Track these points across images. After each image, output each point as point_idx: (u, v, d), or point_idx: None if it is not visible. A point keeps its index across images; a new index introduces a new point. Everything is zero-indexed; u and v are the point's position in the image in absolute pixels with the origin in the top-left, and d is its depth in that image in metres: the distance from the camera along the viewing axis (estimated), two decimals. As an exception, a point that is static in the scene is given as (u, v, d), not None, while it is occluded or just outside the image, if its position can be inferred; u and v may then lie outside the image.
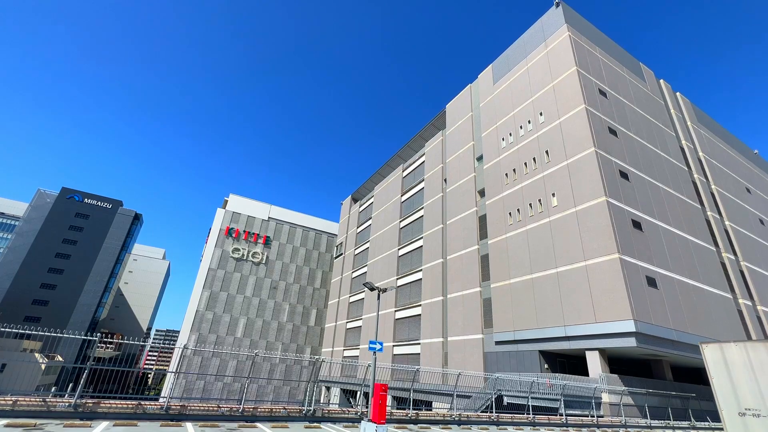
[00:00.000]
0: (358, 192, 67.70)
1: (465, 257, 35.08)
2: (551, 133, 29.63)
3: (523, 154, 31.72)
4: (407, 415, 16.50)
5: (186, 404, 12.76)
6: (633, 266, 22.81)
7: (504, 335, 28.06)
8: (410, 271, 42.90)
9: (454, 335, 33.40)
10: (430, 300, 37.68)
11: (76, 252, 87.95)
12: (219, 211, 64.85)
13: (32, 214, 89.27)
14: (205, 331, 57.41)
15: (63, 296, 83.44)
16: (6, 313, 74.16)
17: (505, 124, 35.13)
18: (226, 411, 13.25)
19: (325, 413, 15.24)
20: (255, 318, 61.88)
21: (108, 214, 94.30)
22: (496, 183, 33.82)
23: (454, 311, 34.34)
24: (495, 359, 28.59)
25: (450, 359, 32.94)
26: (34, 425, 9.58)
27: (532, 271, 27.29)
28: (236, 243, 63.61)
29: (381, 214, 55.06)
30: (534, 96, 32.64)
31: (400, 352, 40.01)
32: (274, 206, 70.21)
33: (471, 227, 35.52)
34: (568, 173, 26.96)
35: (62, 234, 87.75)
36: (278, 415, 14.19)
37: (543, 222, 27.71)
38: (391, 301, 43.69)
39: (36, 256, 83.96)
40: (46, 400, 10.83)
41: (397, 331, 41.73)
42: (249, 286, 62.95)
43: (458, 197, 38.73)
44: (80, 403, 11.04)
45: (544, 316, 25.36)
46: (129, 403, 11.99)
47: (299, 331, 65.19)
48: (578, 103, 28.10)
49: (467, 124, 41.32)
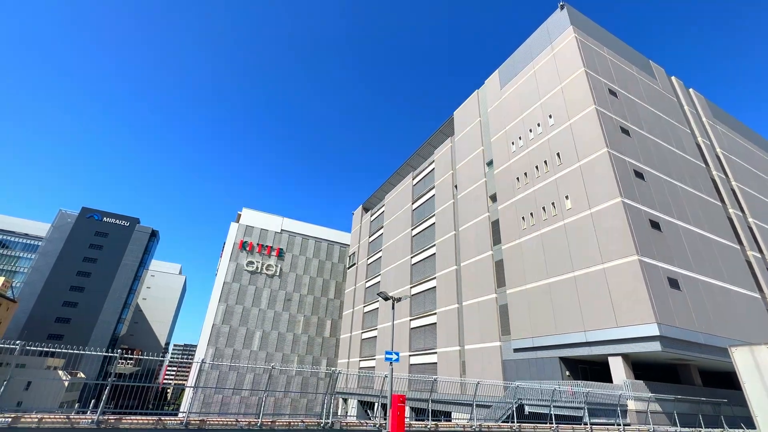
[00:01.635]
0: (369, 201, 67.93)
1: (479, 263, 34.69)
2: (562, 136, 29.33)
3: (534, 157, 31.43)
4: (426, 426, 16.21)
5: (205, 419, 12.81)
6: (653, 268, 22.19)
7: (522, 342, 27.49)
8: (424, 279, 42.59)
9: (470, 343, 32.87)
10: (445, 308, 37.26)
11: (96, 270, 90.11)
12: (233, 225, 65.79)
13: (54, 234, 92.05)
14: (222, 344, 57.81)
15: (84, 314, 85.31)
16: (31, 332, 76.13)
17: (514, 128, 34.96)
18: (244, 425, 13.24)
19: (343, 426, 15.09)
20: (270, 330, 62.09)
21: (126, 231, 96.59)
22: (507, 187, 33.53)
23: (470, 319, 33.86)
24: (514, 367, 27.99)
25: (468, 368, 32.38)
26: (59, 442, 9.71)
27: (548, 276, 26.79)
28: (250, 256, 64.29)
29: (392, 222, 55.05)
30: (542, 99, 32.45)
31: (416, 361, 39.53)
32: (286, 218, 70.91)
33: (484, 233, 35.19)
34: (581, 175, 26.58)
35: (83, 253, 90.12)
36: (296, 428, 14.11)
37: (557, 225, 27.28)
38: (406, 310, 43.36)
39: (58, 275, 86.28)
40: (69, 417, 11.00)
41: (412, 341, 41.30)
42: (264, 299, 63.34)
43: (470, 203, 38.50)
44: (102, 420, 11.18)
45: (563, 321, 24.79)
46: (150, 419, 12.09)
47: (314, 343, 65.08)
48: (588, 104, 27.82)
49: (476, 129, 41.25)
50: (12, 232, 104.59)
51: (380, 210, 61.57)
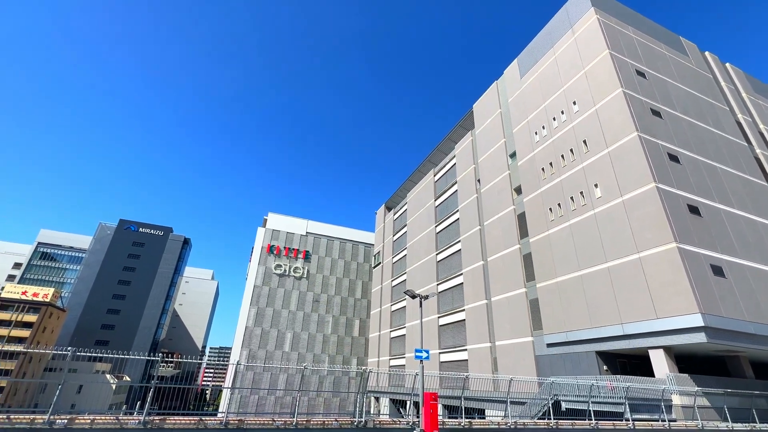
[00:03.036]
0: (392, 200, 67.96)
1: (506, 258, 34.02)
2: (588, 122, 28.29)
3: (559, 146, 30.48)
4: (460, 423, 16.07)
5: (243, 419, 13.21)
6: (694, 255, 21.04)
7: (555, 337, 26.75)
8: (450, 276, 42.20)
9: (501, 339, 32.31)
10: (474, 304, 36.79)
11: (135, 278, 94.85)
12: (260, 230, 67.48)
13: (96, 246, 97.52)
14: (255, 346, 59.44)
15: (126, 320, 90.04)
16: (80, 338, 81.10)
17: (536, 117, 34.02)
18: (281, 424, 13.56)
19: (376, 424, 15.19)
20: (301, 332, 63.30)
21: (160, 241, 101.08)
22: (532, 179, 32.69)
23: (499, 314, 33.28)
24: (548, 362, 27.28)
25: (500, 364, 31.85)
26: (110, 442, 10.27)
27: (580, 268, 25.94)
28: (278, 259, 65.75)
29: (416, 220, 54.85)
30: (565, 85, 31.41)
31: (447, 359, 39.26)
32: (310, 221, 72.02)
33: (510, 226, 34.47)
34: (611, 161, 25.54)
35: (122, 262, 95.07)
36: (330, 427, 14.33)
37: (587, 215, 26.34)
38: (434, 308, 43.11)
39: (101, 284, 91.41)
40: (118, 419, 11.63)
41: (442, 338, 41.04)
42: (293, 301, 64.65)
43: (494, 197, 37.80)
44: (149, 420, 11.74)
45: (598, 314, 23.94)
46: (192, 419, 12.60)
47: (344, 343, 65.83)
48: (614, 87, 26.68)
49: (496, 121, 40.44)
50: (59, 245, 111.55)
51: (403, 208, 61.48)
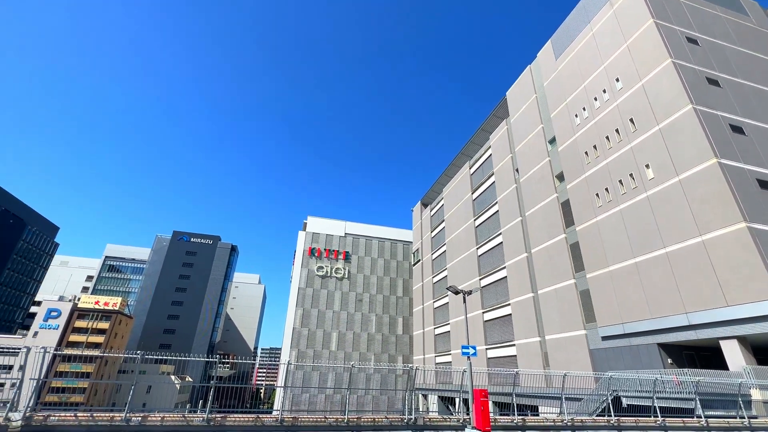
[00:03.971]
0: (427, 196, 67.40)
1: (552, 248, 32.61)
2: (634, 99, 26.41)
3: (603, 127, 28.71)
4: (512, 421, 15.62)
5: (297, 416, 13.68)
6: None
7: (611, 329, 25.27)
8: (493, 270, 41.15)
9: (551, 333, 31.04)
10: (519, 298, 35.63)
11: (190, 285, 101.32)
12: (300, 234, 69.58)
13: (154, 257, 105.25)
14: (303, 346, 61.40)
15: (185, 325, 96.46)
16: (145, 342, 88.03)
17: (576, 99, 32.28)
18: (332, 422, 13.89)
19: (426, 421, 15.14)
20: (346, 331, 64.52)
21: (210, 249, 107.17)
22: (575, 164, 31.06)
23: (547, 307, 31.98)
24: (604, 356, 25.83)
25: (551, 359, 30.62)
26: (179, 438, 11.03)
27: (634, 255, 24.30)
28: (319, 261, 67.43)
29: (453, 215, 54.02)
30: (606, 62, 29.53)
31: (494, 355, 38.35)
32: (348, 222, 73.17)
33: (554, 215, 33.00)
34: (663, 139, 23.67)
35: (178, 271, 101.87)
36: (381, 425, 14.47)
37: (639, 198, 24.61)
38: (477, 303, 42.26)
39: (161, 292, 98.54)
40: (185, 416, 12.47)
41: (488, 334, 40.14)
42: (336, 301, 66.04)
43: (534, 186, 36.35)
44: (211, 418, 12.49)
45: (658, 304, 22.30)
46: (249, 417, 13.25)
47: (389, 341, 66.28)
48: (662, 58, 24.69)
49: (532, 107, 38.84)
50: (122, 258, 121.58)
51: (439, 204, 60.78)
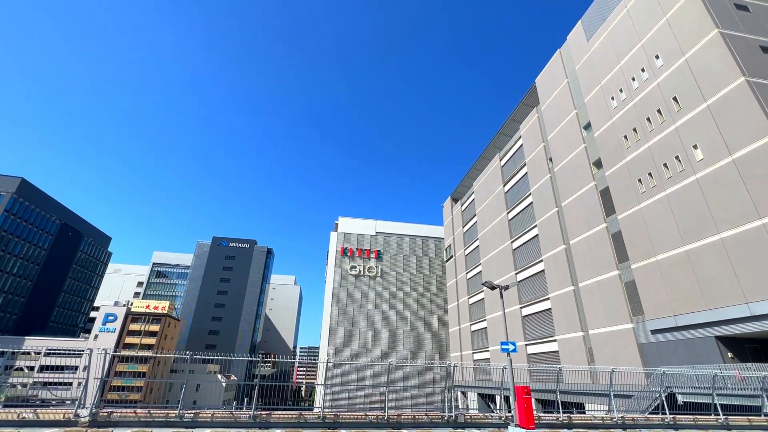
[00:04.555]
0: (457, 191, 66.43)
1: (591, 239, 31.18)
2: (677, 76, 24.69)
3: (643, 108, 27.06)
4: (558, 419, 15.12)
5: (338, 413, 13.93)
6: (842, 214, 17.17)
7: (661, 322, 23.81)
8: (529, 264, 39.93)
9: (595, 328, 29.71)
10: (559, 292, 34.36)
11: (230, 288, 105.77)
12: (332, 234, 70.74)
13: (196, 262, 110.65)
14: (340, 345, 62.45)
15: (227, 326, 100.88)
16: (192, 343, 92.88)
17: (611, 81, 30.63)
18: (373, 419, 14.04)
19: (467, 419, 14.96)
20: (381, 329, 64.95)
21: (247, 253, 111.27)
22: (614, 149, 29.50)
23: (590, 301, 30.63)
24: (655, 351, 24.40)
25: (596, 355, 29.32)
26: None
27: (684, 243, 22.75)
28: (352, 261, 68.26)
29: (485, 209, 52.91)
30: (643, 39, 27.78)
31: (534, 351, 37.25)
32: (379, 221, 73.54)
33: (592, 204, 31.53)
34: (712, 116, 21.97)
35: (219, 275, 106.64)
36: (422, 422, 14.44)
37: (688, 181, 23.00)
38: (514, 298, 41.19)
39: (204, 295, 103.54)
40: (232, 413, 13.05)
41: (527, 329, 39.03)
42: (370, 300, 66.61)
43: (570, 174, 34.89)
44: (257, 415, 12.99)
45: (714, 293, 20.76)
46: (293, 414, 13.65)
47: (424, 338, 66.07)
48: (707, 29, 22.90)
49: (564, 93, 37.26)
50: (168, 264, 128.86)
51: (470, 198, 59.73)
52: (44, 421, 11.80)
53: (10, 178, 78.24)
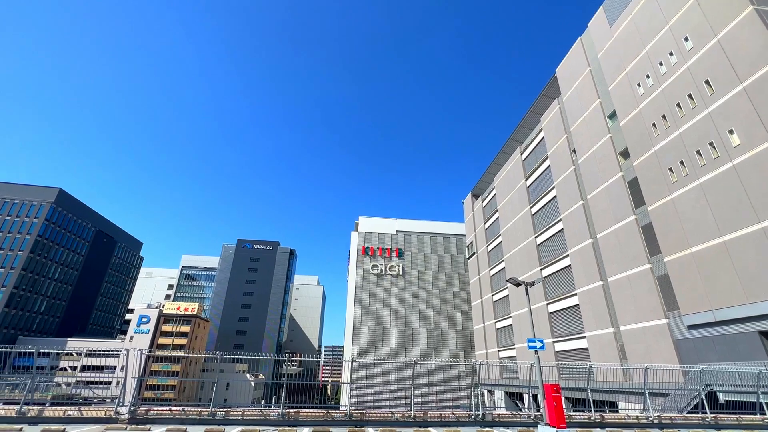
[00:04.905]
0: (478, 187, 65.52)
1: (620, 232, 30.10)
2: (709, 58, 23.45)
3: (672, 94, 25.86)
4: (590, 417, 14.70)
5: (365, 412, 14.03)
6: None
7: (698, 317, 22.73)
8: (555, 259, 38.95)
9: (627, 324, 28.67)
10: (587, 287, 33.36)
11: (256, 289, 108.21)
12: (353, 234, 71.23)
13: (222, 264, 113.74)
14: (364, 344, 62.86)
15: (254, 326, 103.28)
16: (221, 344, 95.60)
17: (637, 67, 29.42)
18: (399, 417, 14.06)
19: (495, 417, 14.76)
20: (404, 327, 64.94)
21: (271, 254, 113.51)
22: (642, 138, 28.34)
23: (620, 296, 29.59)
24: (692, 347, 23.32)
25: (628, 351, 28.30)
26: (259, 431, 11.86)
27: (721, 233, 21.62)
28: (373, 260, 68.54)
29: (507, 204, 51.97)
30: (671, 21, 26.54)
31: (562, 348, 36.33)
32: (399, 219, 73.53)
33: (620, 196, 30.42)
34: (749, 99, 20.76)
35: (244, 276, 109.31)
36: (448, 421, 14.35)
37: (724, 169, 21.83)
38: (540, 294, 40.28)
39: (231, 296, 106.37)
40: (262, 411, 13.36)
41: (554, 326, 38.12)
42: (393, 298, 66.70)
43: (595, 166, 33.78)
44: (285, 413, 13.25)
45: (757, 286, 19.63)
46: (320, 412, 13.84)
47: (448, 336, 65.61)
48: (742, 6, 21.63)
49: (587, 82, 36.08)
50: (196, 267, 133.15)
51: (491, 194, 58.80)
52: (88, 418, 12.45)
53: (48, 189, 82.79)
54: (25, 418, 12.20)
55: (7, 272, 74.13)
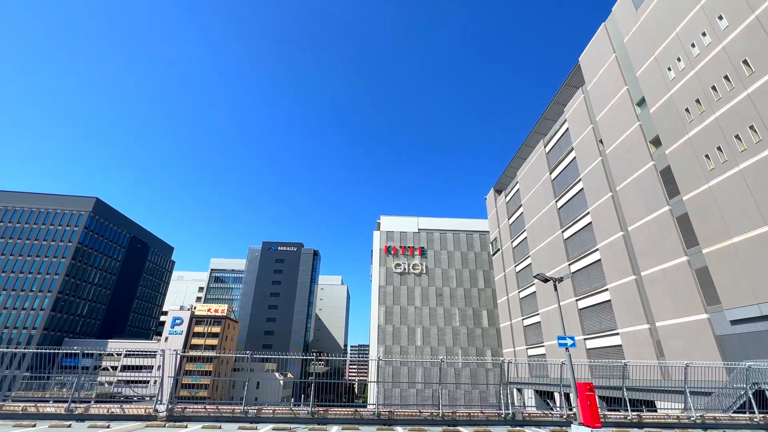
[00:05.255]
0: (500, 182, 64.31)
1: (653, 224, 28.81)
2: (746, 36, 22.08)
3: (706, 76, 24.50)
4: (626, 417, 14.16)
5: (392, 410, 14.06)
6: None
7: (742, 311, 21.46)
8: (583, 254, 37.74)
9: (663, 319, 27.43)
10: (618, 282, 32.15)
11: (282, 290, 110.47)
12: (375, 234, 71.45)
13: (249, 266, 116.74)
14: (389, 342, 62.99)
15: (281, 326, 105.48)
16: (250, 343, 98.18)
17: (667, 50, 28.06)
18: (427, 416, 14.01)
19: (526, 417, 14.46)
20: (429, 326, 64.63)
21: (295, 256, 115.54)
22: (674, 124, 27.01)
23: (654, 290, 28.34)
24: (736, 343, 22.06)
25: (666, 349, 27.07)
26: (290, 429, 12.10)
27: (765, 222, 20.32)
28: (396, 259, 68.54)
29: (531, 199, 50.77)
30: (702, 0, 25.15)
31: (594, 345, 35.16)
32: (421, 218, 73.19)
33: (652, 186, 29.12)
34: (793, 77, 19.39)
35: (270, 277, 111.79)
36: (477, 420, 14.18)
37: (766, 153, 20.51)
38: (569, 290, 39.13)
39: (259, 297, 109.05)
40: (292, 409, 13.62)
41: (584, 323, 36.95)
42: (417, 297, 66.50)
43: (623, 156, 32.47)
44: (315, 411, 13.46)
45: (807, 277, 18.34)
46: (348, 410, 13.98)
47: (474, 334, 64.81)
48: (782, -21, 20.23)
49: (612, 68, 34.71)
50: (224, 269, 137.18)
51: (514, 188, 57.58)
52: (129, 415, 13.07)
53: (86, 198, 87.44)
54: (73, 415, 12.94)
55: (52, 278, 78.88)
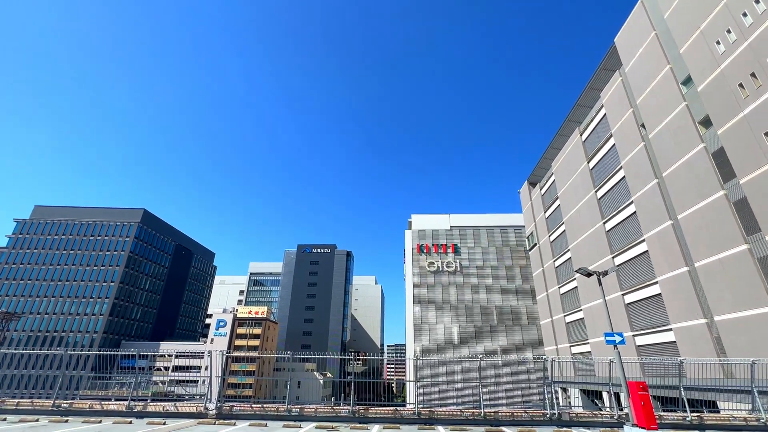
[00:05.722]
0: (534, 174, 62.15)
1: (706, 210, 26.76)
2: (808, -1, 19.99)
3: (761, 47, 22.44)
4: (685, 418, 13.24)
5: (433, 410, 13.97)
6: None
7: (817, 302, 19.45)
8: (628, 245, 35.69)
9: (723, 313, 25.40)
10: (669, 274, 30.12)
11: (318, 291, 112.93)
12: (407, 233, 71.35)
13: (285, 269, 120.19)
14: (426, 341, 62.61)
15: (318, 327, 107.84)
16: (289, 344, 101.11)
17: (714, 22, 25.97)
18: (468, 415, 13.79)
19: (573, 417, 13.89)
20: (466, 324, 63.62)
21: (329, 257, 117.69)
22: (726, 102, 24.95)
23: (711, 282, 26.30)
24: (811, 338, 20.02)
25: (726, 345, 25.05)
26: (332, 427, 12.32)
27: (841, 203, 18.31)
28: (429, 257, 68.04)
29: (568, 190, 48.68)
30: (754, -36, 23.05)
31: (644, 342, 33.16)
32: (452, 215, 72.27)
33: (704, 170, 27.05)
34: None
35: (306, 279, 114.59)
36: (521, 420, 13.79)
37: (838, 127, 18.47)
38: (614, 285, 37.15)
39: (296, 299, 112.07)
40: (333, 408, 13.87)
41: (632, 318, 34.94)
42: (452, 295, 65.68)
43: (669, 139, 30.39)
44: (355, 410, 13.62)
45: None
46: (388, 410, 14.04)
47: (513, 332, 63.08)
48: None
49: (653, 47, 32.58)
50: (262, 273, 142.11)
51: (549, 180, 55.46)
52: (183, 413, 13.84)
53: (135, 210, 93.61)
54: (133, 413, 13.89)
55: (108, 285, 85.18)
